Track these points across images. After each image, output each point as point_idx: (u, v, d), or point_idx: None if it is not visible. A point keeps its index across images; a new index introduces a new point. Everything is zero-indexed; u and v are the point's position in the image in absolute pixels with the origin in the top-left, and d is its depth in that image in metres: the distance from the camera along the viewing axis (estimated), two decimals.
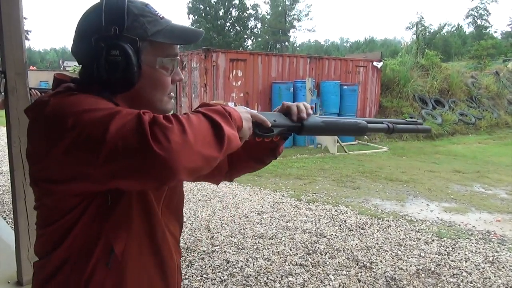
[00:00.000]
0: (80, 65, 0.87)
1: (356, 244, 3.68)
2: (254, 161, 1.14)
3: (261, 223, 4.21)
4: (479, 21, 51.17)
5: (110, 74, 0.81)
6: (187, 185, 5.29)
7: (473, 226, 4.23)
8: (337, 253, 3.48)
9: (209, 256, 3.37)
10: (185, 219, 4.14)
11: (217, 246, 3.59)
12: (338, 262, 3.30)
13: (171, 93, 0.93)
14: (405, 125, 1.23)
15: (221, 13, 49.00)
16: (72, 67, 26.81)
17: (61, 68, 31.60)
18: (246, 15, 51.27)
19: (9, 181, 2.58)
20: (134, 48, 0.82)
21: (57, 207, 0.82)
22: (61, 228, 0.83)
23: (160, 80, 0.89)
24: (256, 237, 3.82)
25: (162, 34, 0.86)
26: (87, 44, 0.82)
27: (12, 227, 3.43)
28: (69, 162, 0.74)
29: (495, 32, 49.78)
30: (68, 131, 0.72)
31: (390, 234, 3.95)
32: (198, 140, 0.72)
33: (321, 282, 2.97)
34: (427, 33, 41.19)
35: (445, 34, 47.23)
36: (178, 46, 0.92)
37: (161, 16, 0.88)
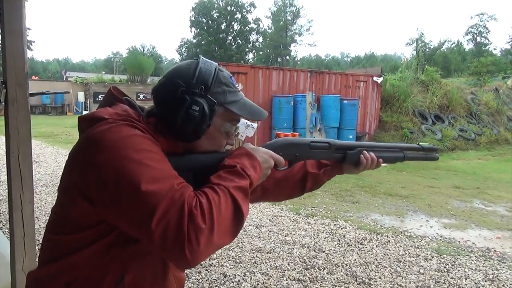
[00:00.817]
0: (154, 104, 0.96)
1: (355, 260, 3.64)
2: (284, 196, 1.32)
3: (259, 237, 4.18)
4: (478, 38, 51.70)
5: (184, 124, 0.90)
6: None
7: (473, 243, 4.20)
8: (335, 269, 3.44)
9: (206, 270, 3.34)
10: None
11: (214, 259, 3.56)
12: (337, 278, 3.26)
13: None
14: (416, 152, 1.33)
15: (223, 27, 49.52)
16: (74, 77, 26.98)
17: (64, 79, 31.77)
18: (248, 29, 51.81)
19: (7, 191, 2.57)
20: (211, 110, 0.92)
21: (78, 221, 0.85)
22: (76, 242, 0.85)
23: (219, 141, 1.00)
24: (254, 251, 3.78)
25: (237, 105, 0.97)
26: (173, 92, 0.91)
27: (8, 237, 3.40)
28: (107, 201, 0.79)
29: (495, 49, 50.29)
30: (115, 173, 0.77)
31: (389, 250, 3.91)
32: (219, 236, 0.80)
33: None
34: (427, 49, 41.50)
35: (445, 50, 47.60)
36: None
37: (239, 90, 1.01)
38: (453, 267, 3.55)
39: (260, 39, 55.93)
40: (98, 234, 0.84)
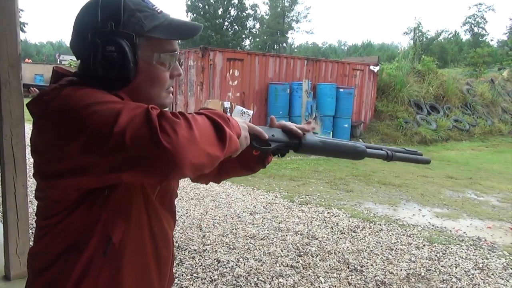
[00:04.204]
0: (78, 60, 0.87)
1: (348, 247, 3.68)
2: (243, 167, 1.15)
3: (253, 224, 4.20)
4: (476, 29, 51.59)
5: (106, 70, 0.80)
6: (180, 183, 5.26)
7: (464, 232, 4.25)
8: (328, 256, 3.47)
9: (200, 255, 3.36)
10: (177, 217, 4.12)
11: (208, 245, 3.58)
12: (329, 265, 3.30)
13: (170, 88, 0.93)
14: (404, 154, 1.24)
15: (219, 12, 48.93)
16: (68, 61, 26.64)
17: (57, 62, 31.39)
18: (245, 15, 51.22)
19: None
20: (131, 44, 0.81)
21: (60, 201, 0.83)
22: (62, 220, 0.84)
23: (158, 76, 0.88)
24: (248, 238, 3.81)
25: (159, 29, 0.84)
26: (84, 40, 0.81)
27: (1, 221, 3.39)
28: (77, 155, 0.74)
29: (492, 40, 50.28)
30: (78, 124, 0.72)
31: (382, 238, 3.95)
32: (203, 138, 0.73)
33: (311, 284, 2.97)
34: (424, 39, 41.37)
35: (442, 40, 47.49)
36: (178, 41, 0.92)
37: (158, 11, 0.86)
38: (444, 255, 3.60)
39: (257, 26, 55.39)
40: (78, 201, 0.82)
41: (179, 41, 0.93)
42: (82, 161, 0.74)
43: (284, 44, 57.47)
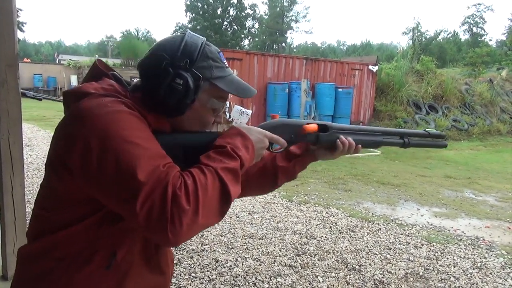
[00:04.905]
0: (139, 78, 0.94)
1: (346, 247, 3.68)
2: (254, 192, 1.25)
3: (251, 223, 4.20)
4: (474, 29, 51.63)
5: (167, 98, 0.88)
6: None
7: (463, 232, 4.25)
8: (326, 255, 3.47)
9: (198, 255, 3.35)
10: None
11: (206, 245, 3.57)
12: (327, 264, 3.30)
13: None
14: (421, 141, 1.24)
15: (219, 12, 48.95)
16: (67, 60, 26.63)
17: (56, 62, 31.32)
18: (244, 14, 51.25)
19: None
20: (196, 84, 0.89)
21: (65, 196, 0.84)
22: (65, 217, 0.85)
23: (205, 117, 0.97)
24: (246, 237, 3.80)
25: (223, 81, 0.94)
26: (157, 65, 0.89)
27: None
28: (91, 176, 0.78)
29: (490, 40, 50.29)
30: (101, 149, 0.76)
31: (380, 238, 3.96)
32: (204, 216, 0.79)
33: (309, 284, 2.97)
34: (423, 39, 41.43)
35: (441, 40, 47.57)
36: (230, 96, 1.00)
37: (226, 66, 0.97)
38: (442, 255, 3.61)
39: (256, 25, 55.41)
40: (88, 210, 0.84)
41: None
42: (95, 190, 0.80)
43: (283, 44, 57.48)
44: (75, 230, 0.84)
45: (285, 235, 3.91)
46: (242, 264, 3.23)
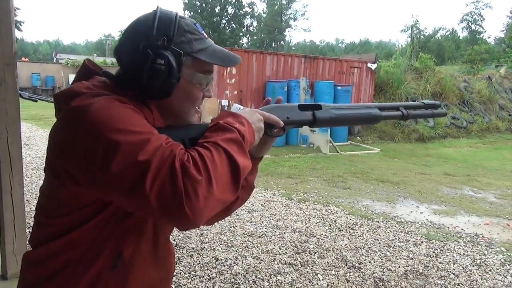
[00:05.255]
0: (119, 66, 0.90)
1: (346, 244, 3.68)
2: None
3: (251, 221, 4.20)
4: (473, 26, 51.62)
5: (151, 81, 0.84)
6: None
7: (462, 229, 4.26)
8: (326, 253, 3.48)
9: (197, 254, 3.35)
10: None
11: (206, 243, 3.57)
12: (327, 262, 3.30)
13: (197, 107, 0.98)
14: (420, 111, 1.24)
15: (217, 10, 48.85)
16: (65, 59, 26.55)
17: (54, 61, 31.26)
18: (242, 13, 51.18)
19: None
20: (178, 61, 0.86)
21: (70, 202, 0.83)
22: (69, 223, 0.84)
23: (193, 94, 0.93)
24: (246, 235, 3.80)
25: (205, 53, 0.90)
26: (135, 49, 0.85)
27: None
28: (96, 177, 0.76)
29: (489, 37, 50.35)
30: (101, 147, 0.74)
31: (380, 235, 3.96)
32: (220, 188, 0.76)
33: (309, 282, 2.97)
34: (422, 37, 41.46)
35: (440, 38, 47.57)
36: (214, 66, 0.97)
37: (206, 36, 0.93)
38: (441, 252, 3.61)
39: (255, 24, 55.33)
40: (91, 213, 0.82)
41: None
42: (99, 186, 0.77)
43: (282, 42, 57.43)
44: (80, 232, 0.83)
45: (284, 233, 3.91)
46: (242, 263, 3.23)
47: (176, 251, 3.36)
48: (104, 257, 0.85)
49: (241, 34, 52.56)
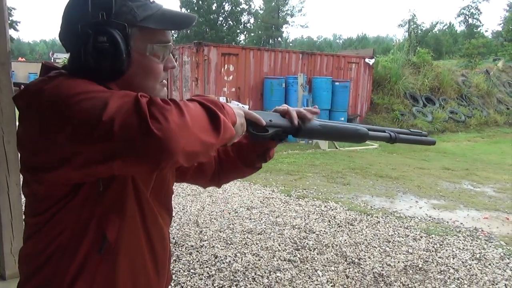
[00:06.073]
0: (69, 53, 0.84)
1: (345, 240, 3.68)
2: (243, 164, 1.13)
3: (250, 218, 4.19)
4: (470, 20, 51.57)
5: (98, 62, 0.77)
6: None
7: (461, 223, 4.26)
8: (325, 249, 3.47)
9: (197, 251, 3.34)
10: (173, 214, 4.10)
11: (205, 241, 3.57)
12: (327, 258, 3.29)
13: (164, 81, 0.91)
14: (408, 135, 1.18)
15: (214, 7, 48.69)
16: (62, 59, 26.45)
17: (52, 60, 31.17)
18: (239, 9, 51.01)
19: None
20: (123, 35, 0.78)
21: (48, 197, 0.81)
22: (52, 217, 0.82)
23: (151, 67, 0.85)
24: (245, 232, 3.80)
25: (152, 19, 0.82)
26: (74, 31, 0.78)
27: None
28: (65, 145, 0.71)
29: (486, 31, 50.37)
30: (65, 113, 0.70)
31: (379, 231, 3.96)
32: (195, 124, 0.71)
33: (309, 278, 2.96)
34: (419, 31, 41.39)
35: (437, 32, 47.50)
36: (171, 32, 0.89)
37: (151, 0, 0.84)
38: (441, 246, 3.61)
39: (252, 20, 55.16)
40: (67, 197, 0.80)
41: (173, 34, 0.89)
42: (69, 151, 0.71)
43: (279, 39, 57.30)
44: (60, 218, 0.81)
45: (284, 229, 3.90)
46: (241, 260, 3.22)
47: (175, 249, 3.35)
48: (88, 239, 0.82)
49: (238, 31, 52.39)
